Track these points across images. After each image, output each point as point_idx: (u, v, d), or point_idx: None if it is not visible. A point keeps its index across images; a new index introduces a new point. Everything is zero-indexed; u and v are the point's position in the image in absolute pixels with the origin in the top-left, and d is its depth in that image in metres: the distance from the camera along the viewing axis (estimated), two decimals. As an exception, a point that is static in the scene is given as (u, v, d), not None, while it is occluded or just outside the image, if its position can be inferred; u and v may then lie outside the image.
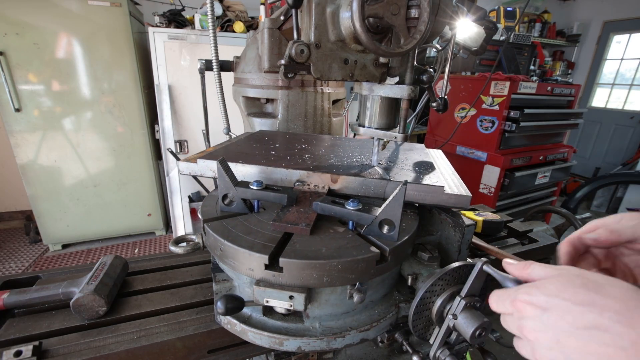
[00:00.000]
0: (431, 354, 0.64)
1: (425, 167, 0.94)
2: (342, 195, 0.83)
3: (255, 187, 0.74)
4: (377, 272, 0.65)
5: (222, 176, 0.75)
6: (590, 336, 0.37)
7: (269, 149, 1.02)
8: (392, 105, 0.84)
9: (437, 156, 1.11)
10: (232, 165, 0.86)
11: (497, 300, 0.49)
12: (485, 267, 0.57)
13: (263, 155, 0.95)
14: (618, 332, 0.35)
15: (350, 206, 0.68)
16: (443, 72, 1.09)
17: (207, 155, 0.93)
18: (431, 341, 0.66)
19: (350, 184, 0.81)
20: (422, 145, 1.21)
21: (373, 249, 0.64)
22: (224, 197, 0.78)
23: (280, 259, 0.60)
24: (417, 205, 0.83)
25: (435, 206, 0.81)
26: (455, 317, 0.60)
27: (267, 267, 0.62)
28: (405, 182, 0.63)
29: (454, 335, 0.64)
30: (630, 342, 0.34)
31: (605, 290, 0.38)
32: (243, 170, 0.87)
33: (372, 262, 0.63)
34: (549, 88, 2.95)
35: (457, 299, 0.61)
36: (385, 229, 0.67)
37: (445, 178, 0.87)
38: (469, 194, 0.77)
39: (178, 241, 0.89)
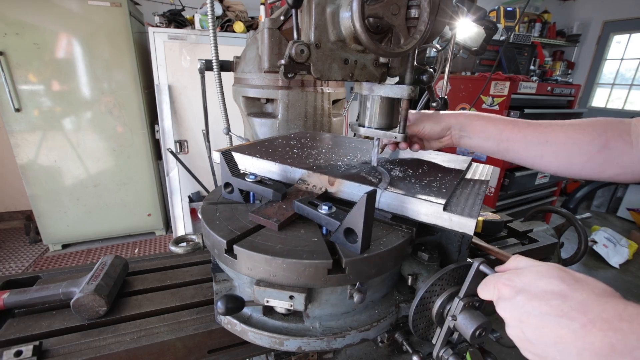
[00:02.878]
0: (434, 353, 0.64)
1: (442, 180, 0.83)
2: (337, 199, 0.80)
3: (249, 180, 0.79)
4: (332, 282, 0.62)
5: (224, 166, 0.81)
6: (549, 318, 0.42)
7: (295, 147, 1.05)
8: (392, 105, 0.84)
9: (479, 172, 0.96)
10: (249, 158, 0.92)
11: (483, 288, 0.54)
12: (482, 267, 0.57)
13: (286, 152, 0.98)
14: (572, 317, 0.40)
15: (322, 209, 0.68)
16: (443, 72, 1.09)
17: (237, 148, 1.00)
18: (434, 341, 0.66)
19: (345, 188, 0.80)
20: (468, 159, 1.02)
21: (328, 256, 0.61)
22: (226, 185, 0.83)
23: (234, 247, 0.63)
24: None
25: (431, 225, 0.71)
26: (454, 318, 0.60)
27: (225, 251, 0.65)
28: (374, 191, 0.58)
29: (455, 335, 0.64)
30: (580, 325, 0.39)
31: (578, 284, 0.43)
32: (258, 164, 0.91)
33: (322, 270, 0.60)
34: (549, 88, 2.95)
35: (456, 300, 0.61)
36: (351, 239, 0.63)
37: (464, 197, 0.75)
38: (473, 219, 0.66)
39: (178, 241, 0.90)
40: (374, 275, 0.66)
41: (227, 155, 0.82)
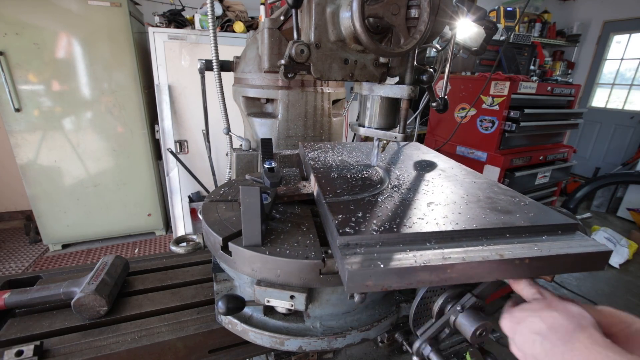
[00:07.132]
0: (415, 346, 0.62)
1: (420, 208, 0.70)
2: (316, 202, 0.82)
3: (265, 165, 0.91)
4: (223, 260, 0.69)
5: (261, 150, 0.99)
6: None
7: (357, 151, 1.14)
8: (392, 105, 0.84)
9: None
10: (305, 150, 1.08)
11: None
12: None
13: (340, 154, 1.10)
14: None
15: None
16: (443, 72, 1.09)
17: (309, 145, 1.17)
18: (419, 332, 0.65)
19: (316, 194, 0.81)
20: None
21: (223, 234, 0.69)
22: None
23: (200, 203, 0.82)
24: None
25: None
26: (462, 310, 0.60)
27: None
28: (255, 189, 0.59)
29: (443, 334, 0.63)
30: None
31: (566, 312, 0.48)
32: (310, 159, 1.03)
33: (217, 244, 0.68)
34: (549, 88, 2.95)
35: (468, 295, 0.61)
36: None
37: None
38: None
39: (179, 241, 0.90)
40: (258, 276, 0.63)
41: (265, 142, 0.97)
